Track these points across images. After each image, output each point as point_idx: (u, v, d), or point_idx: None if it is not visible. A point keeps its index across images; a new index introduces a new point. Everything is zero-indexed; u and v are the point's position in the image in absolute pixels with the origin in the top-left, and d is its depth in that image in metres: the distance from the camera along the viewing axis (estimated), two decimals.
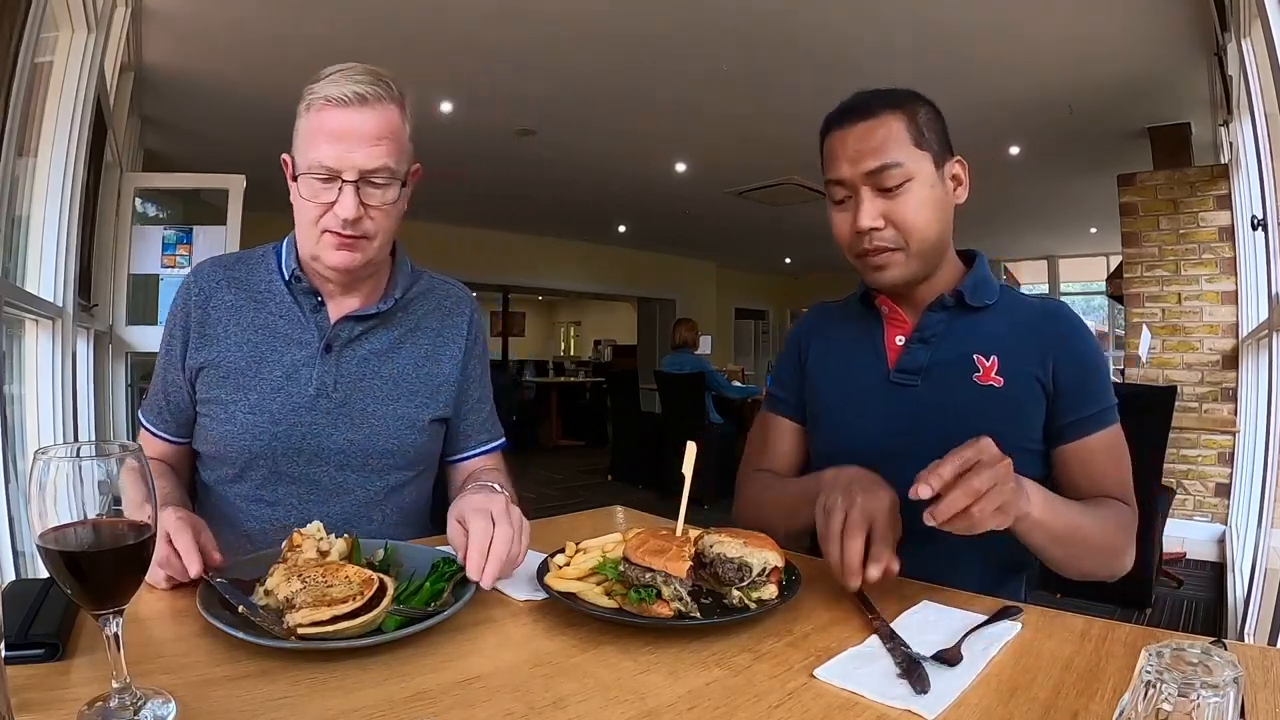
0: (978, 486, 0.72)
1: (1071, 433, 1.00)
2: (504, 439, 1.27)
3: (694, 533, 0.82)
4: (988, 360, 1.02)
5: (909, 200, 1.00)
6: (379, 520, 1.13)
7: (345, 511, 1.10)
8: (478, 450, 1.23)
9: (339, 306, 1.12)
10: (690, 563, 0.75)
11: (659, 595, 0.74)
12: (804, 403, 1.18)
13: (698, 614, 0.73)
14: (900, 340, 1.08)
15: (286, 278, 1.12)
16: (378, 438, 1.11)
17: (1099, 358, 1.04)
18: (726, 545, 0.79)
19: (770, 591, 0.77)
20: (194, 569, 0.78)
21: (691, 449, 0.82)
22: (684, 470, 0.81)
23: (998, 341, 1.04)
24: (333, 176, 1.00)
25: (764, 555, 0.78)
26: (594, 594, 0.78)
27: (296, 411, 1.08)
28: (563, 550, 0.86)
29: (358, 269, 1.06)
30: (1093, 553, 0.93)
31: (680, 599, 0.73)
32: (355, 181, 1.00)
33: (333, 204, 1.01)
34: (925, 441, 0.84)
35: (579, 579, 0.80)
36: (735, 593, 0.77)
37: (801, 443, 1.19)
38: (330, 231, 1.02)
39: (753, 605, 0.75)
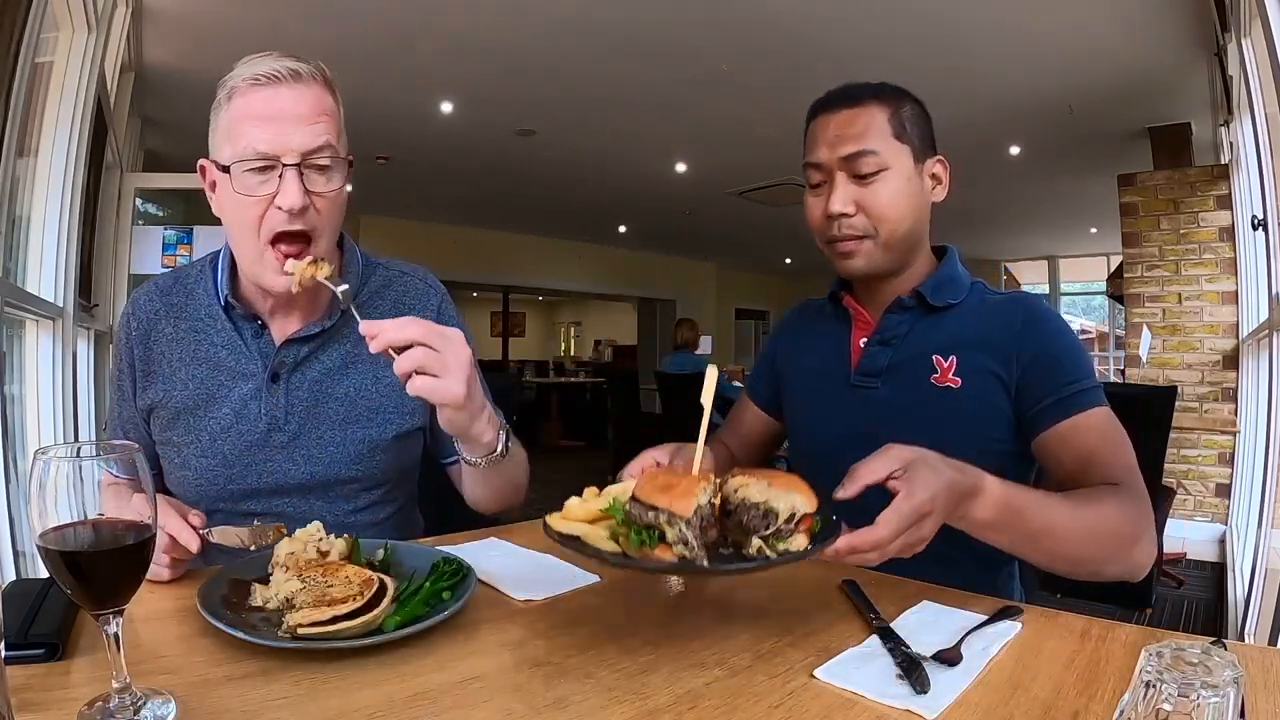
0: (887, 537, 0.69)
1: (1046, 419, 0.96)
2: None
3: (721, 479, 0.73)
4: (946, 361, 1.01)
5: (881, 190, 1.01)
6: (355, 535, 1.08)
7: None
8: None
9: (281, 328, 1.03)
10: (699, 499, 0.65)
11: (662, 538, 0.65)
12: (774, 395, 1.23)
13: (704, 560, 0.64)
14: (864, 343, 1.09)
15: (223, 304, 1.03)
16: (338, 466, 1.03)
17: (1065, 341, 1.00)
18: (751, 488, 0.69)
19: (799, 542, 0.67)
20: (194, 545, 0.79)
21: (712, 372, 0.75)
22: (702, 400, 0.73)
23: (958, 341, 1.02)
24: (269, 164, 0.88)
25: (791, 499, 0.67)
26: (599, 538, 0.70)
27: (250, 450, 1.01)
28: (580, 495, 0.78)
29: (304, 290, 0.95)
30: (1088, 550, 0.84)
31: (685, 542, 0.64)
32: (296, 165, 0.88)
33: (273, 196, 0.89)
34: (885, 444, 0.80)
35: (588, 521, 0.72)
36: (756, 541, 0.67)
37: (762, 429, 1.25)
38: (275, 244, 0.92)
39: (773, 555, 0.66)
